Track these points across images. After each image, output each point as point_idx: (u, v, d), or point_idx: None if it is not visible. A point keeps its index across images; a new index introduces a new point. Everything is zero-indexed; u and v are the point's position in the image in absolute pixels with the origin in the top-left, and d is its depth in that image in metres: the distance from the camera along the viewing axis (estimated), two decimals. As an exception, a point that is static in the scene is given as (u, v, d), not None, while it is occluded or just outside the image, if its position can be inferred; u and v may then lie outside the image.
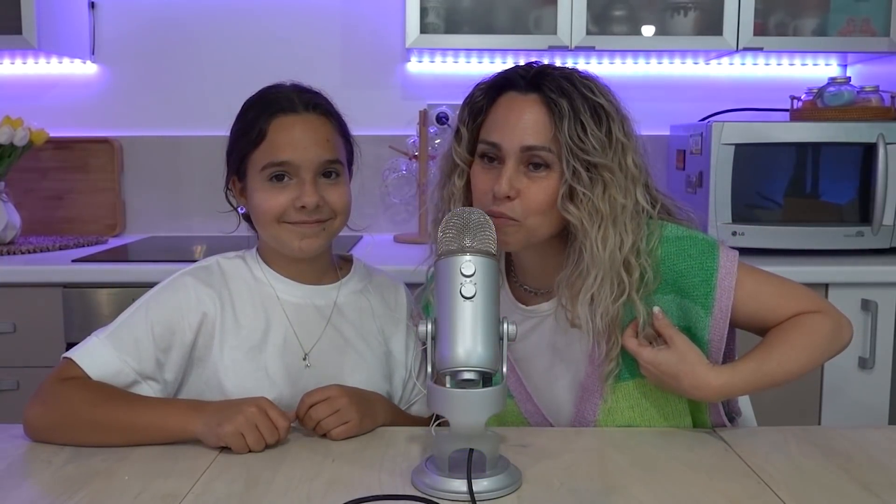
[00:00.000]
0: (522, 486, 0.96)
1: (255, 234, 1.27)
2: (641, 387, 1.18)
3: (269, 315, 1.22)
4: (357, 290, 1.30)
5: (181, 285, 1.22)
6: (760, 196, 2.12)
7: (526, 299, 1.24)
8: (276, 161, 1.17)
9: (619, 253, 1.10)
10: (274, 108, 1.19)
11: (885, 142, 2.01)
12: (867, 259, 2.02)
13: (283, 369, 1.20)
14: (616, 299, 1.11)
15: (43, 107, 2.49)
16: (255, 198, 1.19)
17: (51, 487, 0.96)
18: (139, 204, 2.54)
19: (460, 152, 1.18)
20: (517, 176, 1.11)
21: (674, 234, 1.16)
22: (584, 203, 1.09)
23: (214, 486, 0.96)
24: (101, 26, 2.51)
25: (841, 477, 1.00)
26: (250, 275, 1.25)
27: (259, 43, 2.52)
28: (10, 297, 1.92)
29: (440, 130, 2.51)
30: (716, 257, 1.15)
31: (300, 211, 1.18)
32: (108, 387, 1.13)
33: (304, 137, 1.18)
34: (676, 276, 1.14)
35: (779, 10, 2.30)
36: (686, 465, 1.04)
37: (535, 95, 1.12)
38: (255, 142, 1.18)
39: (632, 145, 1.13)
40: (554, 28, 2.22)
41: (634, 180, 1.13)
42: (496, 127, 1.13)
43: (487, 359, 0.93)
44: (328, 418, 1.10)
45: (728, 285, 1.14)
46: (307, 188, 1.17)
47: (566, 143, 1.08)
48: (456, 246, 0.97)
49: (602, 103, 1.11)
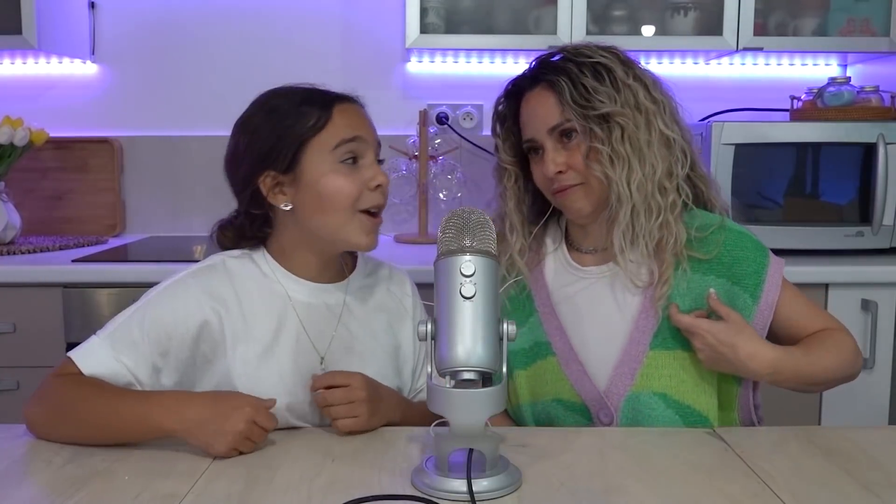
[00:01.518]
0: (522, 486, 0.96)
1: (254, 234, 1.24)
2: (681, 359, 1.23)
3: (280, 315, 1.21)
4: (364, 285, 1.29)
5: (182, 289, 1.19)
6: (760, 196, 2.12)
7: (582, 260, 1.32)
8: (348, 137, 1.16)
9: (648, 183, 1.21)
10: (330, 97, 1.20)
11: (885, 142, 2.01)
12: (867, 259, 2.02)
13: (297, 371, 1.19)
14: (653, 221, 1.21)
15: (43, 107, 2.49)
16: (324, 184, 1.16)
17: (51, 487, 0.96)
18: (139, 204, 2.54)
19: (504, 157, 1.34)
20: (557, 153, 1.24)
21: (736, 228, 1.27)
22: (603, 155, 1.20)
23: (214, 486, 0.96)
24: (101, 26, 2.51)
25: (841, 477, 1.00)
26: (259, 272, 1.23)
27: (259, 43, 2.52)
28: (10, 297, 1.91)
29: (440, 130, 2.51)
30: (767, 255, 1.27)
31: (374, 192, 1.18)
32: (97, 383, 1.12)
33: (365, 120, 1.22)
34: (732, 262, 1.24)
35: (779, 10, 2.30)
36: (686, 465, 1.04)
37: (540, 85, 1.26)
38: (317, 126, 1.16)
39: (641, 85, 1.23)
40: (554, 28, 2.22)
41: (654, 113, 1.23)
42: (525, 126, 1.28)
43: (487, 359, 0.93)
44: (340, 407, 1.11)
45: (776, 282, 1.24)
46: (377, 168, 1.20)
47: (574, 109, 1.21)
48: (456, 246, 0.97)
49: (599, 60, 1.23)
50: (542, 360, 1.28)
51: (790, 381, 1.19)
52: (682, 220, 1.24)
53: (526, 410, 1.29)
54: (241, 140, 1.21)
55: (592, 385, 1.24)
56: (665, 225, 1.22)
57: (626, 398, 1.22)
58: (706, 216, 1.28)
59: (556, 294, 1.31)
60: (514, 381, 1.30)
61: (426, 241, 2.37)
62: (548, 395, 1.27)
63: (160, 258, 2.02)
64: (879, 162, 2.01)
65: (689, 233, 1.24)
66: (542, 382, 1.28)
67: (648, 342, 1.23)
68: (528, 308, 1.32)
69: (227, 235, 1.26)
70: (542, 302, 1.31)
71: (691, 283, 1.23)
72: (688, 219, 1.26)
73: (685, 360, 1.23)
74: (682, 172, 1.24)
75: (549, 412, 1.27)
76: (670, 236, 1.22)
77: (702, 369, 1.22)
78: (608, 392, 1.23)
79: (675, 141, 1.24)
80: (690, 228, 1.24)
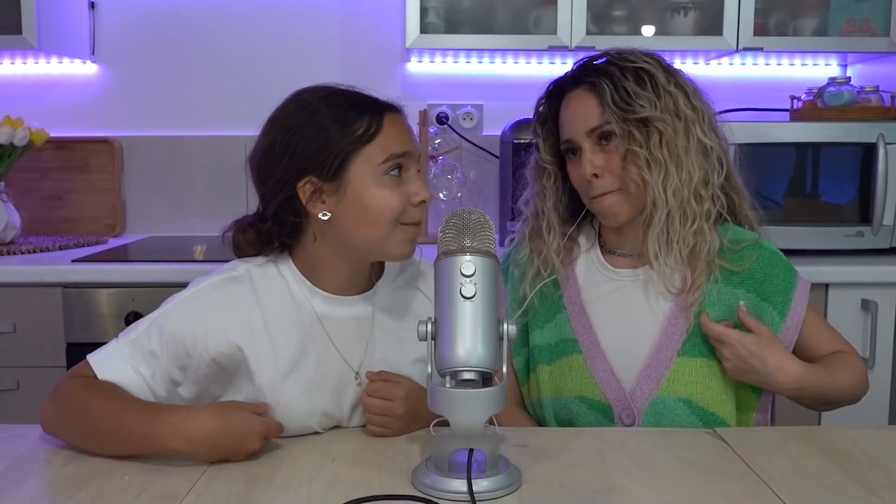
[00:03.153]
0: (522, 486, 0.96)
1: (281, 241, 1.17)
2: (707, 367, 1.24)
3: (306, 332, 1.15)
4: (392, 290, 1.23)
5: (205, 304, 1.13)
6: (760, 196, 2.09)
7: (613, 262, 1.32)
8: (398, 152, 1.11)
9: (684, 189, 1.22)
10: (381, 105, 1.15)
11: (885, 142, 2.01)
12: (867, 259, 2.02)
13: (327, 387, 1.15)
14: (688, 227, 1.22)
15: (43, 107, 2.49)
16: (369, 197, 1.10)
17: (51, 487, 0.96)
18: (139, 204, 2.54)
19: (545, 157, 1.33)
20: (594, 155, 1.24)
21: (770, 247, 1.30)
22: (641, 158, 1.21)
23: (214, 486, 0.96)
24: (101, 26, 2.51)
25: (841, 477, 1.00)
26: (284, 286, 1.16)
27: (259, 43, 2.52)
28: (10, 297, 1.92)
29: (440, 130, 2.51)
30: (796, 277, 1.29)
31: (417, 208, 1.13)
32: (110, 391, 1.08)
33: (411, 134, 1.17)
34: (763, 279, 1.26)
35: (779, 10, 2.30)
36: (686, 465, 1.04)
37: (582, 87, 1.26)
38: (367, 136, 1.10)
39: (682, 92, 1.24)
40: (554, 28, 2.22)
41: (693, 121, 1.23)
42: (566, 126, 1.28)
43: (487, 359, 0.93)
44: (375, 416, 1.11)
45: (802, 302, 1.27)
46: (421, 184, 1.14)
47: (614, 113, 1.21)
48: (456, 246, 0.97)
49: (642, 66, 1.24)
50: (568, 357, 1.29)
51: (810, 398, 1.22)
52: (717, 229, 1.26)
53: (547, 406, 1.29)
54: (278, 139, 1.12)
55: (619, 386, 1.25)
56: (699, 232, 1.23)
57: (652, 401, 1.23)
58: (742, 232, 1.30)
59: (586, 293, 1.31)
60: (538, 375, 1.31)
61: (426, 241, 2.35)
62: (571, 391, 1.27)
63: (160, 258, 2.02)
64: (879, 162, 2.01)
65: (723, 243, 1.25)
66: (566, 379, 1.28)
67: (677, 349, 1.24)
68: (556, 305, 1.32)
69: (248, 238, 1.17)
70: (572, 300, 1.31)
71: (722, 294, 1.25)
72: (723, 231, 1.27)
73: (712, 368, 1.24)
74: (718, 181, 1.25)
75: (571, 409, 1.27)
76: (704, 243, 1.23)
77: (726, 378, 1.23)
78: (633, 394, 1.24)
79: (713, 149, 1.25)
80: (724, 239, 1.25)
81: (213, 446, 1.01)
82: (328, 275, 1.16)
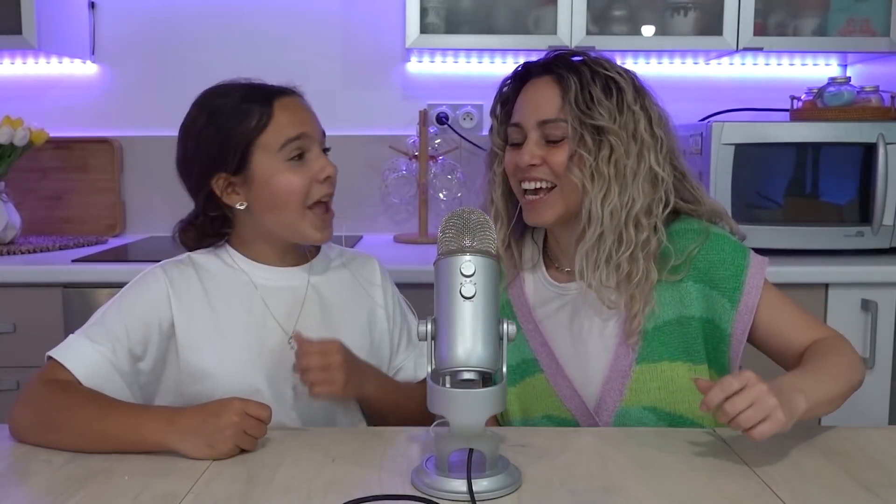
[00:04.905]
0: (522, 486, 0.96)
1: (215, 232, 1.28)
2: (668, 370, 1.21)
3: (246, 301, 1.24)
4: (329, 267, 1.32)
5: (152, 279, 1.24)
6: (760, 196, 2.12)
7: (559, 278, 1.30)
8: (293, 136, 1.19)
9: (623, 212, 1.17)
10: (269, 93, 1.22)
11: (885, 142, 2.01)
12: (867, 259, 2.02)
13: (267, 351, 1.22)
14: (613, 254, 1.17)
15: (43, 107, 2.49)
16: (275, 183, 1.19)
17: (51, 487, 0.96)
18: (139, 204, 2.54)
19: (496, 140, 1.29)
20: (538, 146, 1.20)
21: (716, 232, 1.23)
22: (586, 166, 1.17)
23: (214, 486, 0.96)
24: (101, 26, 2.51)
25: (841, 477, 1.00)
26: (223, 264, 1.27)
27: (259, 43, 2.52)
28: (10, 297, 1.92)
29: (440, 130, 2.51)
30: (746, 256, 1.22)
31: (324, 183, 1.21)
32: (86, 392, 1.11)
33: (306, 113, 1.24)
34: (708, 266, 1.21)
35: (779, 10, 2.30)
36: (686, 465, 1.04)
37: (549, 76, 1.22)
38: (260, 125, 1.19)
39: (646, 116, 1.20)
40: (554, 28, 2.22)
41: (648, 147, 1.19)
42: (518, 110, 1.24)
43: (487, 359, 0.93)
44: (316, 372, 1.13)
45: (756, 284, 1.19)
46: (324, 160, 1.22)
47: (572, 111, 1.17)
48: (456, 246, 0.97)
49: (614, 77, 1.20)
50: (531, 377, 1.27)
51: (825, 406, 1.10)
52: (655, 262, 1.19)
53: (517, 426, 1.28)
54: (188, 144, 1.23)
55: (581, 401, 1.24)
56: (633, 260, 1.17)
57: (617, 413, 1.21)
58: (688, 222, 1.24)
59: (538, 311, 1.29)
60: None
61: (426, 241, 2.37)
62: (538, 411, 1.27)
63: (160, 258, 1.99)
64: (879, 162, 2.01)
65: (666, 245, 1.19)
66: (531, 399, 1.27)
67: (634, 357, 1.21)
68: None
69: (190, 235, 1.30)
70: (525, 318, 1.29)
71: (672, 291, 1.21)
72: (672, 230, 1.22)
73: (675, 370, 1.21)
74: (662, 214, 1.19)
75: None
76: (637, 272, 1.17)
77: (692, 374, 1.19)
78: (598, 409, 1.22)
79: (663, 181, 1.19)
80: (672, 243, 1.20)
81: (194, 429, 1.03)
82: (260, 252, 1.27)
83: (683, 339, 1.21)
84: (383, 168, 2.50)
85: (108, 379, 1.15)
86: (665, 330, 1.21)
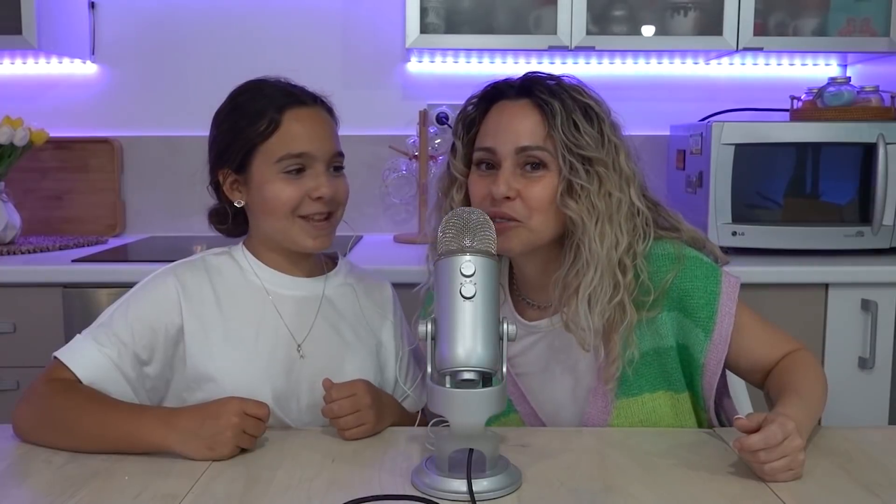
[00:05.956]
0: (522, 486, 0.96)
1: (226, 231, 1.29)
2: (651, 401, 1.18)
3: (258, 306, 1.22)
4: (345, 284, 1.31)
5: (161, 283, 1.22)
6: (760, 196, 2.12)
7: (527, 313, 1.24)
8: (293, 153, 1.18)
9: (614, 252, 1.11)
10: (286, 100, 1.20)
11: (885, 142, 2.01)
12: (867, 259, 2.02)
13: (277, 360, 1.20)
14: (611, 299, 1.12)
15: (43, 107, 2.49)
16: (267, 190, 1.19)
17: (51, 487, 0.96)
18: (139, 204, 2.54)
19: (457, 165, 1.20)
20: (514, 177, 1.12)
21: (679, 252, 1.17)
22: (582, 198, 1.10)
23: (214, 486, 0.96)
24: (101, 26, 2.51)
25: (841, 477, 1.00)
26: (237, 268, 1.25)
27: (259, 43, 2.52)
28: (10, 297, 1.92)
29: (440, 130, 2.51)
30: (719, 282, 1.17)
31: (316, 202, 1.19)
32: (87, 392, 1.11)
33: (319, 129, 1.21)
34: (681, 295, 1.16)
35: (779, 10, 2.30)
36: (686, 465, 1.04)
37: (526, 100, 1.14)
38: (266, 132, 1.18)
39: (624, 146, 1.15)
40: (554, 28, 2.22)
41: (628, 180, 1.14)
42: (490, 133, 1.15)
43: (487, 359, 0.93)
44: (348, 417, 1.11)
45: (729, 311, 1.16)
46: (323, 179, 1.19)
47: (561, 140, 1.10)
48: (456, 246, 0.97)
49: (591, 104, 1.14)
50: (506, 417, 1.23)
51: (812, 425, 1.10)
52: (631, 303, 1.13)
53: None
54: (212, 130, 1.26)
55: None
56: (620, 306, 1.12)
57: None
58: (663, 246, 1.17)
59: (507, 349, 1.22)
60: None
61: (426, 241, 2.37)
62: None
63: (160, 258, 2.00)
64: (879, 162, 2.01)
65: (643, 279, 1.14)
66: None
67: (615, 392, 1.17)
68: None
69: (215, 219, 1.31)
70: None
71: (648, 324, 1.16)
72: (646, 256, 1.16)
73: (655, 402, 1.18)
74: (643, 250, 1.14)
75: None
76: (623, 319, 1.12)
77: (674, 403, 1.18)
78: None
79: (642, 214, 1.15)
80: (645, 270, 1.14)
81: (194, 430, 1.03)
82: (271, 258, 1.25)
83: (662, 369, 1.18)
84: (383, 168, 2.50)
85: (113, 382, 1.14)
86: (643, 362, 1.17)
